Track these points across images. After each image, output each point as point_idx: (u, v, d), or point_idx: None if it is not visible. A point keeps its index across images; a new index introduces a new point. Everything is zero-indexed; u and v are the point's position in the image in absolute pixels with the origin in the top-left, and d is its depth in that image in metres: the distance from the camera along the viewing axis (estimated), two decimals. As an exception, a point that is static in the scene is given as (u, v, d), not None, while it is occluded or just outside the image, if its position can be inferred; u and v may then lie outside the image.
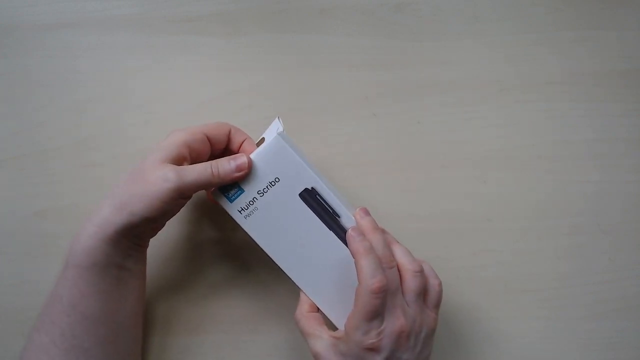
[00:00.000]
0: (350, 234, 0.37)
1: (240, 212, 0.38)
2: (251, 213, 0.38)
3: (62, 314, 0.36)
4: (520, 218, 0.47)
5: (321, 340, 0.37)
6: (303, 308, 0.39)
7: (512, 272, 0.46)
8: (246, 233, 0.39)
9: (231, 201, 0.38)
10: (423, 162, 0.47)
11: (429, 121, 0.48)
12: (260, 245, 0.39)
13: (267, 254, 0.39)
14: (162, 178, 0.35)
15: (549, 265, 0.46)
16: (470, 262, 0.46)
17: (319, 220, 0.38)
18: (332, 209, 0.38)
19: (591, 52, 0.49)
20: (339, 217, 0.38)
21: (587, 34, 0.50)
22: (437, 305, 0.38)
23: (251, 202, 0.38)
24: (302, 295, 0.40)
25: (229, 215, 0.38)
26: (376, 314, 0.34)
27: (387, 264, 0.36)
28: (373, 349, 0.35)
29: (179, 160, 0.37)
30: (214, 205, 0.40)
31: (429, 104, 0.48)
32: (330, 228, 0.38)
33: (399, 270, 0.37)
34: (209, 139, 0.39)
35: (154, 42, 0.49)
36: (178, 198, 0.36)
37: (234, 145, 0.40)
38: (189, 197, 0.38)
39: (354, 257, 0.36)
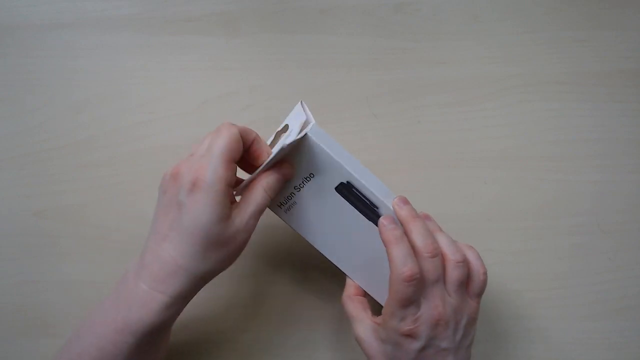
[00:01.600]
0: (381, 222, 0.36)
1: (279, 207, 0.38)
2: (290, 207, 0.38)
3: None
4: (520, 218, 0.47)
5: (363, 325, 0.37)
6: (349, 291, 0.40)
7: (512, 272, 0.46)
8: (289, 225, 0.39)
9: None
10: (423, 162, 0.47)
11: (429, 121, 0.48)
12: (303, 236, 0.39)
13: (310, 244, 0.39)
14: (247, 232, 0.34)
15: (549, 265, 0.46)
16: (470, 262, 0.46)
17: (357, 211, 0.38)
18: (369, 201, 0.38)
19: (591, 52, 0.49)
20: (377, 208, 0.38)
21: (587, 34, 0.50)
22: (480, 294, 0.37)
23: (289, 197, 0.38)
24: (347, 280, 0.40)
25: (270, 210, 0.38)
26: (410, 302, 0.34)
27: (430, 253, 0.35)
28: (410, 335, 0.34)
29: (229, 197, 0.35)
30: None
31: (429, 104, 0.48)
32: (369, 219, 0.38)
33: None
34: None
35: (154, 42, 0.49)
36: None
37: (245, 145, 0.37)
38: None
39: (385, 247, 0.35)
